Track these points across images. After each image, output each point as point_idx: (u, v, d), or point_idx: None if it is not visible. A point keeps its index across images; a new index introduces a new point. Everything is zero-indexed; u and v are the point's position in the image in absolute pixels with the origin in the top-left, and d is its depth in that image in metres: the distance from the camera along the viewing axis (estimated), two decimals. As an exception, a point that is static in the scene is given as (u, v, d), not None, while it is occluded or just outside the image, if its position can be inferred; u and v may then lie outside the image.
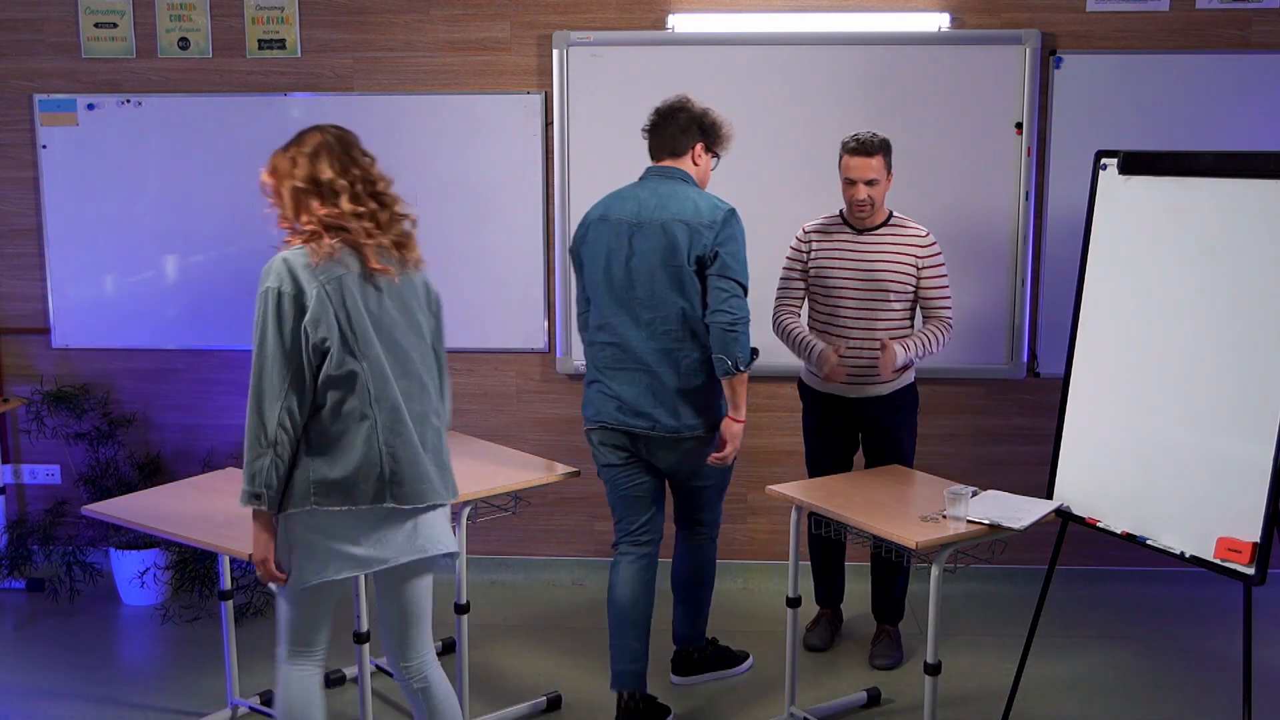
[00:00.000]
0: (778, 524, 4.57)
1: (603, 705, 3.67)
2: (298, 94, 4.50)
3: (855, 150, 3.70)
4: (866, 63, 4.32)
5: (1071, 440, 3.35)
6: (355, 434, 2.57)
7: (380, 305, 2.61)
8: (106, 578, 4.53)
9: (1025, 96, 4.29)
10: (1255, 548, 2.85)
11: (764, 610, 4.39)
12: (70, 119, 4.54)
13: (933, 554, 3.01)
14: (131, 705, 3.69)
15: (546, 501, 4.64)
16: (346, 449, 2.57)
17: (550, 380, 4.60)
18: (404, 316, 2.67)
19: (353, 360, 2.55)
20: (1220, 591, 4.35)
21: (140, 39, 4.52)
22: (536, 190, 4.47)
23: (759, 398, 4.55)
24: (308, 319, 2.52)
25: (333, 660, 3.92)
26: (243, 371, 4.59)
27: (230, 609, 3.56)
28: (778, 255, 4.26)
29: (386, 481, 2.60)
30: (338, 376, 2.55)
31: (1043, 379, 4.45)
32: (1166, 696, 3.73)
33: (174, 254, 4.61)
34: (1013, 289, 4.41)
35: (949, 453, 4.54)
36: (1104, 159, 3.30)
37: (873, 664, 3.96)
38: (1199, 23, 4.28)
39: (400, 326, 2.65)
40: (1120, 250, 3.25)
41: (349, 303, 2.55)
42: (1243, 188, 2.95)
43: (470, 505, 3.35)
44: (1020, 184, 4.34)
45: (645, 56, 4.35)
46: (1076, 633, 4.19)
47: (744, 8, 4.36)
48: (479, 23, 4.45)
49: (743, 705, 3.68)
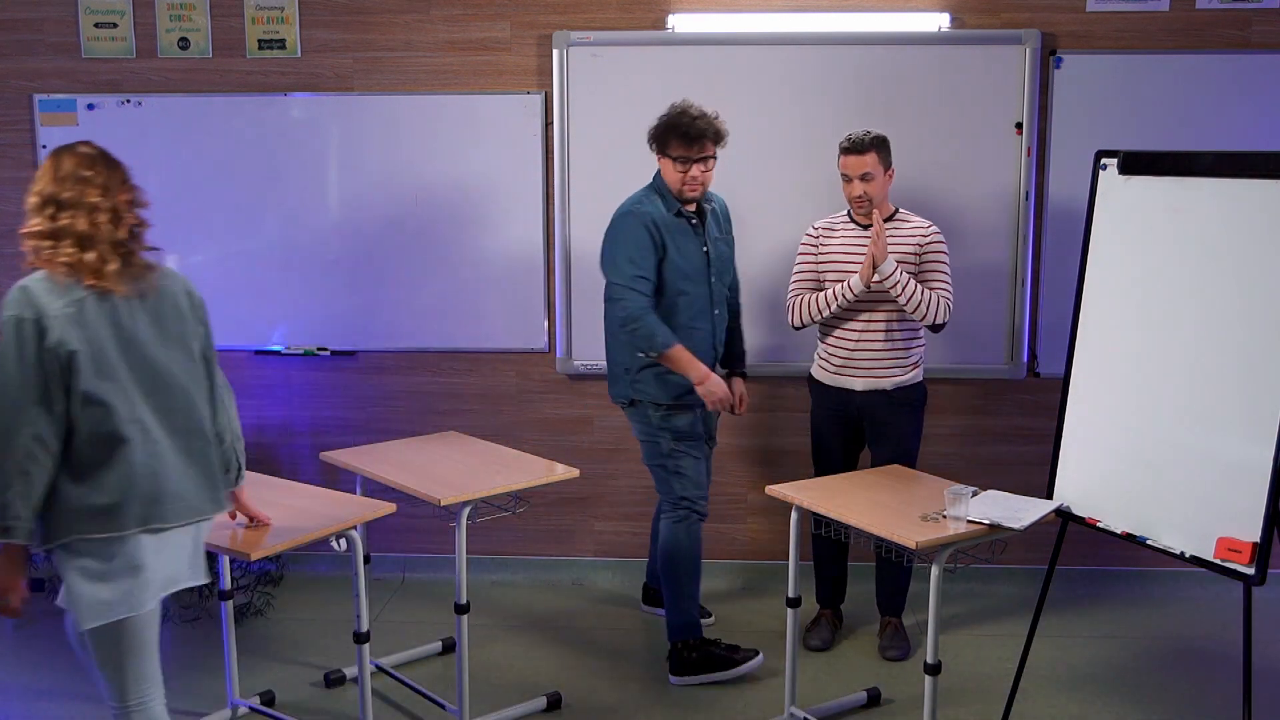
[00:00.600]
0: (778, 524, 4.56)
1: (603, 705, 3.68)
2: (298, 94, 4.50)
3: (848, 149, 3.79)
4: (866, 63, 4.32)
5: (1071, 440, 3.35)
6: (113, 457, 2.50)
7: (131, 322, 2.56)
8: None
9: (1025, 96, 4.29)
10: (1255, 548, 2.85)
11: (764, 610, 4.39)
12: (70, 119, 4.54)
13: (933, 554, 3.01)
14: (131, 705, 3.68)
15: (546, 501, 4.64)
16: (105, 473, 2.50)
17: (550, 380, 4.60)
18: (158, 331, 2.61)
19: (101, 383, 2.49)
20: (1220, 591, 4.36)
21: (140, 39, 4.52)
22: (536, 190, 4.47)
23: (760, 398, 4.55)
24: (51, 343, 2.44)
25: (332, 660, 3.94)
26: (243, 371, 4.65)
27: (230, 609, 3.57)
28: (778, 254, 4.27)
29: (150, 503, 2.54)
30: (88, 400, 2.48)
31: (1043, 379, 4.45)
32: (1166, 696, 3.73)
33: (174, 254, 4.59)
34: (1013, 289, 4.40)
35: (949, 453, 4.54)
36: (1104, 159, 3.30)
37: (883, 655, 3.99)
38: (1199, 23, 4.28)
39: (153, 342, 2.59)
40: (1120, 250, 3.25)
41: (92, 325, 2.49)
42: (1243, 188, 2.95)
43: (470, 505, 3.35)
44: (1020, 184, 4.34)
45: (645, 56, 4.35)
46: (1076, 633, 4.19)
47: (744, 8, 4.36)
48: (479, 23, 4.45)
49: (743, 705, 3.68)
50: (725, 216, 3.94)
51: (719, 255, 3.84)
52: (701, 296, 3.78)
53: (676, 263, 3.71)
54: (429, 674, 3.87)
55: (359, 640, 3.16)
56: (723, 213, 3.94)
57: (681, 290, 3.73)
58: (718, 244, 3.85)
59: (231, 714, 3.59)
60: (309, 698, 3.74)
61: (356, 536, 3.12)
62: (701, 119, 3.68)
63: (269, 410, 4.70)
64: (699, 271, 3.77)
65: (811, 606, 4.17)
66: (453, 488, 3.35)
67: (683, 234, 3.74)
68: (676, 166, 3.69)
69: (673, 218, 3.72)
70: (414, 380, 4.66)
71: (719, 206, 3.93)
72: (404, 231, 4.54)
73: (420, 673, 3.87)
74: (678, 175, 3.69)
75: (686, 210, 3.76)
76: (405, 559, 4.75)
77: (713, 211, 3.88)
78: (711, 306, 3.81)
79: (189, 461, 2.63)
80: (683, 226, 3.75)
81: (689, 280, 3.74)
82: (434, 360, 4.65)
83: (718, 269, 3.83)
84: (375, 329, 4.60)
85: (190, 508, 2.62)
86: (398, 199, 4.51)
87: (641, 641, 4.17)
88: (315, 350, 4.64)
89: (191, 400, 2.66)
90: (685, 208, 3.76)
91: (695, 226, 3.78)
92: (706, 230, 3.81)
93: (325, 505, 3.22)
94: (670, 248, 3.70)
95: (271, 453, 4.71)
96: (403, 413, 4.67)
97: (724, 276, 3.87)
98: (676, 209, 3.73)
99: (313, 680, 3.85)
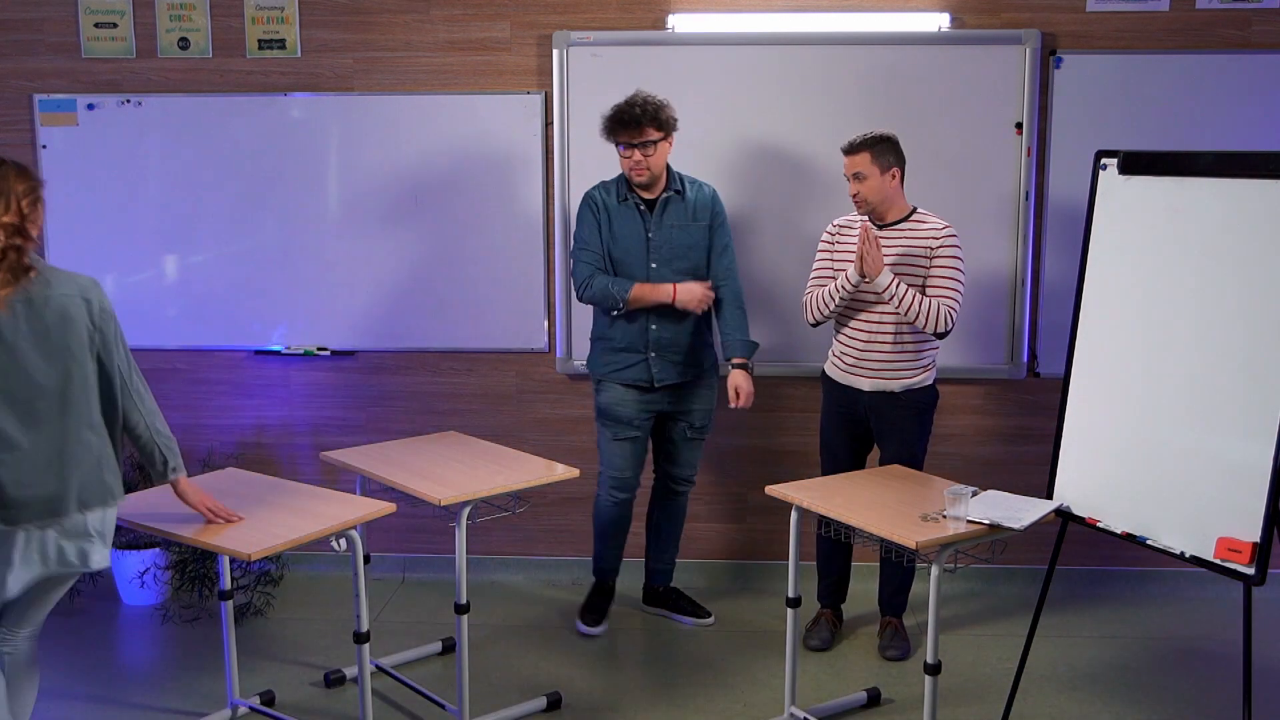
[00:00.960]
0: (778, 524, 4.56)
1: (603, 705, 3.68)
2: (298, 94, 4.50)
3: (844, 150, 3.84)
4: (866, 63, 4.32)
5: (1071, 440, 3.35)
6: None
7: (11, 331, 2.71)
8: (106, 578, 4.53)
9: (1025, 96, 4.29)
10: (1255, 548, 2.85)
11: (764, 610, 4.39)
12: (70, 119, 4.54)
13: (933, 554, 3.01)
14: (131, 705, 3.69)
15: (546, 501, 4.64)
16: None
17: (550, 380, 4.60)
18: (35, 342, 2.74)
19: None
20: (1220, 591, 4.36)
21: (140, 39, 4.52)
22: (536, 190, 4.47)
23: (763, 398, 4.55)
24: None
25: (332, 660, 3.94)
26: (243, 372, 4.65)
27: (230, 609, 3.57)
28: (777, 254, 4.28)
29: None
30: None
31: (1043, 379, 4.45)
32: (1166, 696, 3.73)
33: (174, 254, 4.61)
34: (1013, 289, 4.41)
35: (949, 453, 4.54)
36: (1104, 159, 3.30)
37: (884, 655, 3.99)
38: (1199, 23, 4.28)
39: (26, 354, 2.73)
40: (1120, 250, 3.25)
41: None
42: (1243, 188, 2.95)
43: (470, 505, 3.35)
44: (1020, 184, 4.34)
45: (645, 56, 4.35)
46: (1076, 633, 4.19)
47: (744, 8, 4.36)
48: (479, 23, 4.45)
49: (743, 705, 3.68)
50: (704, 206, 4.00)
51: (666, 241, 3.95)
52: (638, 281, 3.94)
53: (610, 247, 3.97)
54: (429, 674, 3.87)
55: (359, 640, 3.16)
56: (700, 202, 3.99)
57: (618, 271, 3.98)
58: (671, 231, 3.95)
59: (231, 714, 3.59)
60: (309, 698, 3.74)
61: (356, 536, 3.12)
62: (641, 105, 3.85)
63: (269, 410, 4.70)
64: (636, 257, 3.96)
65: (812, 606, 4.17)
66: (453, 488, 3.35)
67: (624, 219, 3.97)
68: (621, 152, 3.90)
69: (616, 203, 3.97)
70: (414, 380, 4.66)
71: (699, 196, 4.00)
72: (404, 231, 4.54)
73: (420, 673, 3.87)
74: (624, 161, 3.91)
75: (635, 196, 3.96)
76: (405, 559, 4.76)
77: (684, 199, 3.96)
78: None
79: (62, 463, 2.78)
80: (625, 211, 3.97)
81: (624, 265, 3.97)
82: (434, 360, 4.65)
83: (663, 255, 3.95)
84: (375, 329, 4.60)
85: (42, 510, 2.77)
86: (398, 199, 4.51)
87: (641, 641, 4.17)
88: (315, 350, 4.64)
89: (68, 408, 2.79)
90: (641, 194, 3.96)
91: (643, 213, 3.94)
92: (662, 217, 3.94)
93: (325, 505, 3.22)
94: (607, 231, 3.97)
95: (271, 453, 4.72)
96: (403, 413, 4.67)
97: (673, 263, 3.96)
98: (624, 195, 3.96)
99: (313, 680, 3.85)
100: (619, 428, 4.07)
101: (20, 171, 2.78)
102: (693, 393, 4.09)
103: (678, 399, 4.07)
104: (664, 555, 4.34)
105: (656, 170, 3.91)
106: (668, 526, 4.30)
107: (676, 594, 4.36)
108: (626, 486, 4.15)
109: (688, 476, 4.22)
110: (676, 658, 4.02)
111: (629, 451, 4.10)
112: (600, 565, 4.32)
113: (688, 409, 4.08)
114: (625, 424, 4.06)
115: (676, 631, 4.24)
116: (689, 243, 3.98)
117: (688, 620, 4.27)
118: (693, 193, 4.00)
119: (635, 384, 4.02)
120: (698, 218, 3.99)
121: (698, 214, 3.99)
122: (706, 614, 4.27)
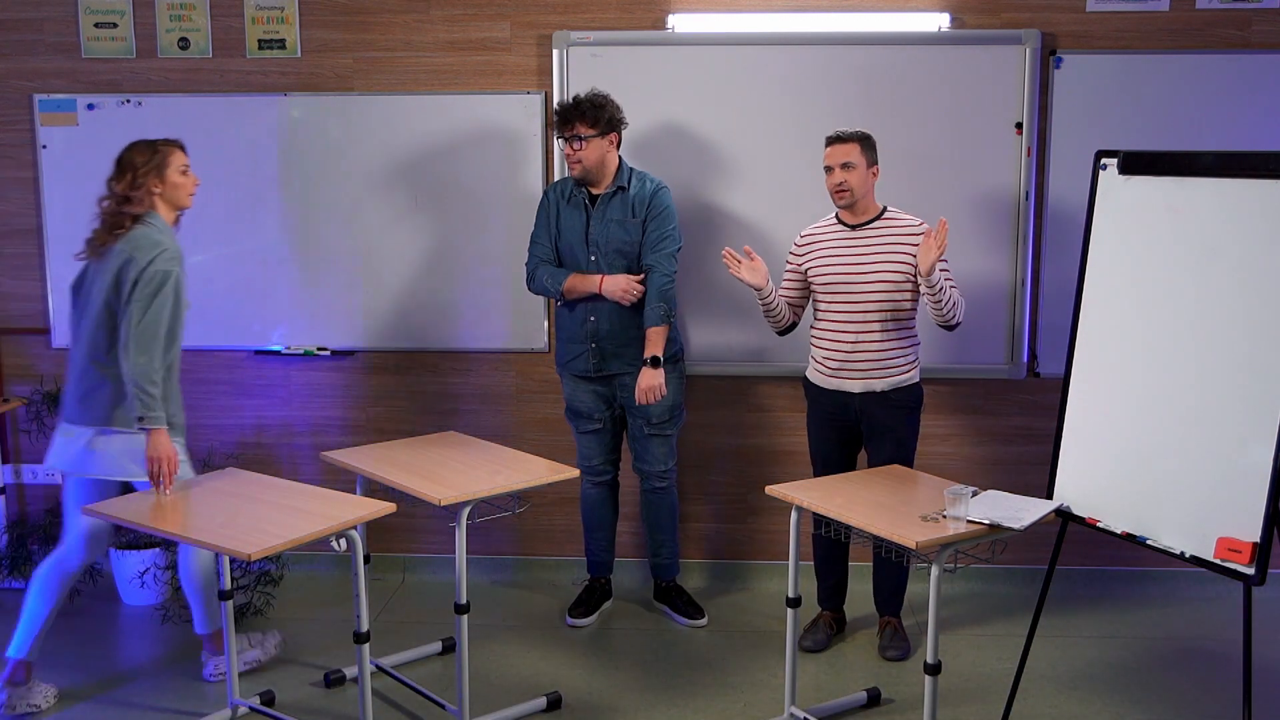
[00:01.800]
0: (778, 524, 4.57)
1: (603, 705, 3.68)
2: (298, 94, 4.50)
3: (832, 140, 3.85)
4: (866, 63, 4.32)
5: (1071, 440, 3.34)
6: None
7: (90, 273, 3.54)
8: (106, 578, 4.54)
9: (1025, 96, 4.29)
10: (1255, 548, 2.85)
11: (764, 610, 4.39)
12: (70, 119, 4.54)
13: (933, 554, 3.01)
14: (131, 705, 3.69)
15: (546, 501, 4.64)
16: None
17: (550, 380, 4.60)
18: (96, 282, 3.49)
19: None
20: (1220, 591, 4.36)
21: (140, 39, 4.52)
22: (536, 190, 4.46)
23: (759, 398, 4.56)
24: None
25: (332, 660, 3.94)
26: (243, 371, 4.65)
27: (230, 609, 3.57)
28: (775, 254, 4.26)
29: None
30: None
31: (1043, 379, 4.45)
32: (1166, 696, 3.73)
33: (174, 254, 4.60)
34: (1013, 289, 4.41)
35: (949, 453, 4.54)
36: (1104, 159, 3.30)
37: (883, 655, 3.99)
38: (1199, 23, 4.28)
39: (91, 290, 3.51)
40: (1120, 250, 3.25)
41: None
42: (1243, 188, 2.95)
43: (470, 505, 3.35)
44: (1020, 184, 4.34)
45: (645, 56, 4.35)
46: (1076, 633, 4.19)
47: (744, 8, 4.36)
48: (479, 23, 4.45)
49: (743, 705, 3.68)
50: (642, 201, 4.05)
51: (603, 235, 4.05)
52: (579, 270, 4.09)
53: (557, 240, 4.14)
54: (429, 674, 3.87)
55: (359, 640, 3.16)
56: (639, 197, 4.06)
57: (565, 263, 4.14)
58: (609, 225, 4.04)
59: (231, 714, 3.59)
60: (309, 698, 3.74)
61: (356, 536, 3.12)
62: (578, 101, 3.98)
63: (269, 410, 4.70)
64: (577, 248, 4.09)
65: (813, 607, 4.17)
66: (453, 488, 3.35)
67: (569, 213, 4.11)
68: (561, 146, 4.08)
69: (566, 198, 4.12)
70: (414, 380, 4.66)
71: (639, 191, 4.06)
72: (404, 231, 4.54)
73: (420, 673, 3.87)
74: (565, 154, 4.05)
75: (582, 191, 4.08)
76: (405, 559, 4.76)
77: (626, 195, 4.05)
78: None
79: (76, 379, 3.55)
80: (572, 206, 4.11)
81: (568, 259, 4.13)
82: (434, 360, 4.65)
83: (600, 249, 4.05)
84: (375, 329, 4.60)
85: (64, 413, 3.58)
86: (398, 199, 4.51)
87: (641, 641, 4.17)
88: (315, 350, 4.64)
89: (92, 336, 3.50)
90: (589, 189, 4.07)
91: (586, 207, 4.08)
92: (604, 212, 4.04)
93: (325, 505, 3.22)
94: (555, 225, 4.13)
95: (271, 453, 4.72)
96: (403, 413, 4.67)
97: (610, 257, 4.07)
98: (573, 191, 4.10)
99: (313, 680, 3.85)
100: (579, 420, 4.25)
101: (144, 147, 3.54)
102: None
103: (630, 393, 4.08)
104: (659, 550, 4.34)
105: (589, 164, 3.99)
106: (655, 522, 4.31)
107: (677, 592, 4.36)
108: (598, 472, 4.28)
109: (658, 471, 4.22)
110: (676, 658, 4.03)
111: (595, 442, 4.26)
112: (589, 559, 4.42)
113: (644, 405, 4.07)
114: (585, 417, 4.23)
115: (676, 631, 4.24)
116: (626, 237, 4.05)
117: (681, 620, 4.28)
118: (635, 188, 4.07)
119: (584, 375, 4.17)
120: (636, 213, 4.05)
121: (636, 209, 4.05)
122: (700, 615, 4.27)
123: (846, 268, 3.84)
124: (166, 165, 3.52)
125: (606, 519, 4.35)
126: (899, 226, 3.85)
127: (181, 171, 3.57)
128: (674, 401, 4.16)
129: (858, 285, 3.83)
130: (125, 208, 3.47)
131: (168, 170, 3.53)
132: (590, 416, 4.20)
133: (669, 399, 4.11)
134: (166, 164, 3.53)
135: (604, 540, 4.37)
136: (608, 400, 4.19)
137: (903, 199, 4.04)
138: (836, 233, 3.91)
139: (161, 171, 3.51)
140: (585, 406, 4.20)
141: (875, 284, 3.81)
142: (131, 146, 3.55)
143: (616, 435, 4.29)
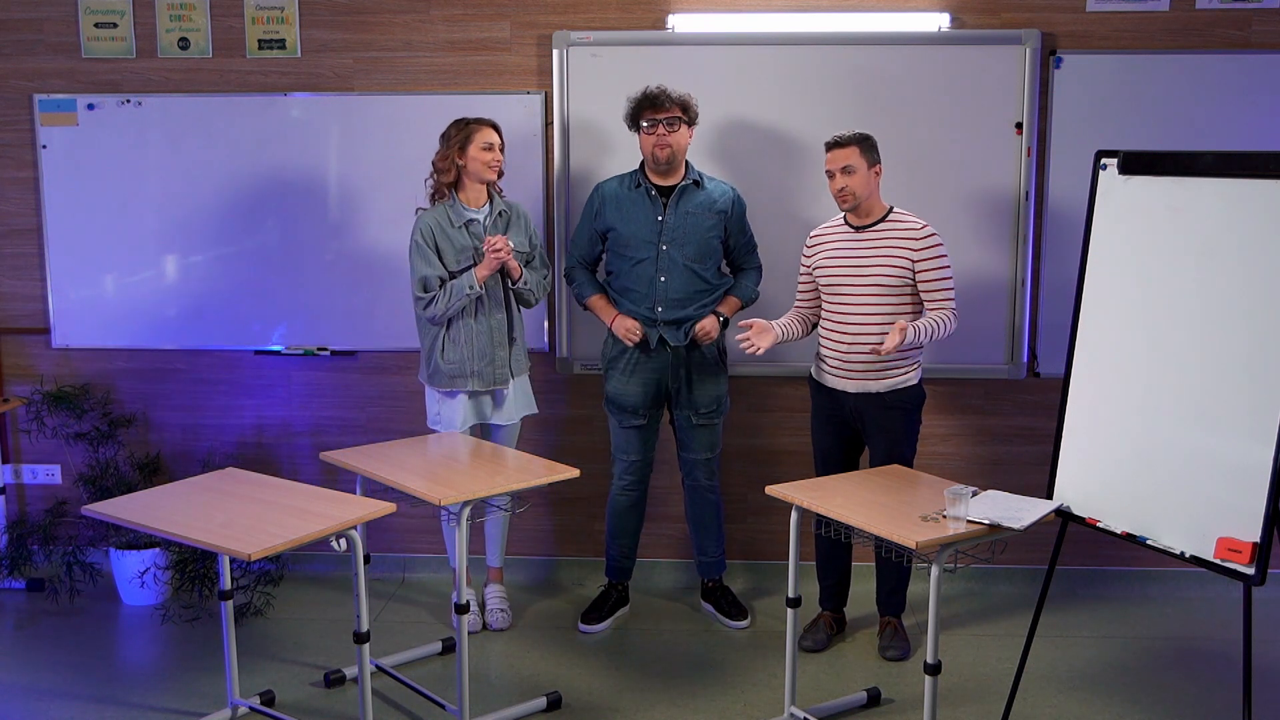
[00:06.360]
0: (778, 524, 4.57)
1: (603, 705, 3.68)
2: (298, 94, 4.50)
3: (830, 145, 3.85)
4: (866, 63, 4.32)
5: (1071, 440, 3.35)
6: None
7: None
8: (106, 578, 4.54)
9: (1025, 96, 4.29)
10: (1255, 548, 2.85)
11: (764, 610, 4.39)
12: (70, 119, 4.54)
13: (933, 554, 3.01)
14: (131, 705, 3.69)
15: (546, 501, 4.64)
16: None
17: (550, 380, 4.60)
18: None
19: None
20: (1220, 591, 4.36)
21: (140, 39, 4.52)
22: (537, 190, 4.47)
23: (761, 398, 4.56)
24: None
25: (332, 660, 3.94)
26: (243, 371, 4.65)
27: (230, 609, 3.57)
28: (776, 254, 4.27)
29: None
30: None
31: (1043, 379, 4.45)
32: (1166, 696, 3.73)
33: (174, 254, 4.61)
34: (1013, 289, 4.41)
35: (949, 453, 4.54)
36: (1104, 159, 3.30)
37: (883, 655, 3.98)
38: (1199, 23, 4.28)
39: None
40: (1120, 250, 3.25)
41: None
42: (1243, 188, 2.95)
43: (470, 505, 3.35)
44: (1020, 184, 4.34)
45: (645, 56, 4.35)
46: (1076, 633, 4.19)
47: (744, 8, 4.36)
48: (479, 23, 4.45)
49: (743, 705, 3.68)
50: (724, 196, 4.10)
51: (680, 226, 4.02)
52: (647, 262, 4.04)
53: (620, 230, 4.06)
54: (429, 674, 3.87)
55: (359, 640, 3.16)
56: (720, 193, 4.10)
57: (625, 255, 4.07)
58: (686, 217, 4.03)
59: (231, 714, 3.59)
60: (309, 698, 3.74)
61: (356, 536, 3.13)
62: (662, 89, 3.97)
63: (269, 410, 4.70)
64: (645, 240, 4.04)
65: (813, 607, 4.17)
66: (453, 488, 3.35)
67: (634, 204, 4.06)
68: (645, 132, 3.98)
69: (626, 191, 4.07)
70: (414, 380, 4.66)
71: (718, 189, 4.10)
72: (404, 231, 4.52)
73: (420, 673, 3.87)
74: (649, 140, 3.97)
75: (649, 183, 4.04)
76: (405, 559, 4.76)
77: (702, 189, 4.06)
78: (657, 272, 4.04)
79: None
80: (637, 197, 4.06)
81: (632, 247, 4.05)
82: (434, 360, 4.64)
83: (674, 239, 4.02)
84: (375, 329, 4.60)
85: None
86: (397, 199, 4.51)
87: (641, 642, 4.17)
88: (315, 350, 4.64)
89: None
90: (656, 180, 4.04)
91: (653, 198, 4.03)
92: (679, 203, 4.02)
93: (325, 505, 3.22)
94: (614, 217, 4.07)
95: (271, 453, 4.72)
96: (403, 413, 4.67)
97: (684, 248, 4.03)
98: (637, 183, 4.06)
99: (313, 680, 3.85)
100: (623, 415, 4.18)
101: (456, 123, 4.00)
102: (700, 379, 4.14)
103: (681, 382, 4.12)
104: (705, 549, 4.33)
105: (679, 149, 3.98)
106: (700, 519, 4.30)
107: (722, 592, 4.36)
108: (631, 470, 4.22)
109: (703, 459, 4.21)
110: (676, 658, 4.02)
111: (636, 437, 4.20)
112: (610, 563, 4.37)
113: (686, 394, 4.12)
114: (630, 412, 4.16)
115: (677, 631, 4.24)
116: (704, 229, 4.04)
117: (726, 622, 4.27)
118: (713, 187, 4.10)
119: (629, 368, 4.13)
120: (719, 210, 4.06)
121: (717, 203, 4.06)
122: (743, 616, 4.27)
123: (847, 269, 3.85)
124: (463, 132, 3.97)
125: (632, 524, 4.30)
126: (900, 229, 3.84)
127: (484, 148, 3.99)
128: (720, 391, 4.18)
129: (856, 287, 3.83)
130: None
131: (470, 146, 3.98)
132: (635, 412, 4.14)
133: (716, 388, 4.16)
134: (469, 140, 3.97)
135: (628, 546, 4.33)
136: (655, 392, 4.14)
137: (903, 199, 4.04)
138: (842, 234, 3.92)
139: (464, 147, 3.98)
140: (631, 401, 4.14)
141: (872, 286, 3.81)
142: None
143: (656, 432, 4.25)
